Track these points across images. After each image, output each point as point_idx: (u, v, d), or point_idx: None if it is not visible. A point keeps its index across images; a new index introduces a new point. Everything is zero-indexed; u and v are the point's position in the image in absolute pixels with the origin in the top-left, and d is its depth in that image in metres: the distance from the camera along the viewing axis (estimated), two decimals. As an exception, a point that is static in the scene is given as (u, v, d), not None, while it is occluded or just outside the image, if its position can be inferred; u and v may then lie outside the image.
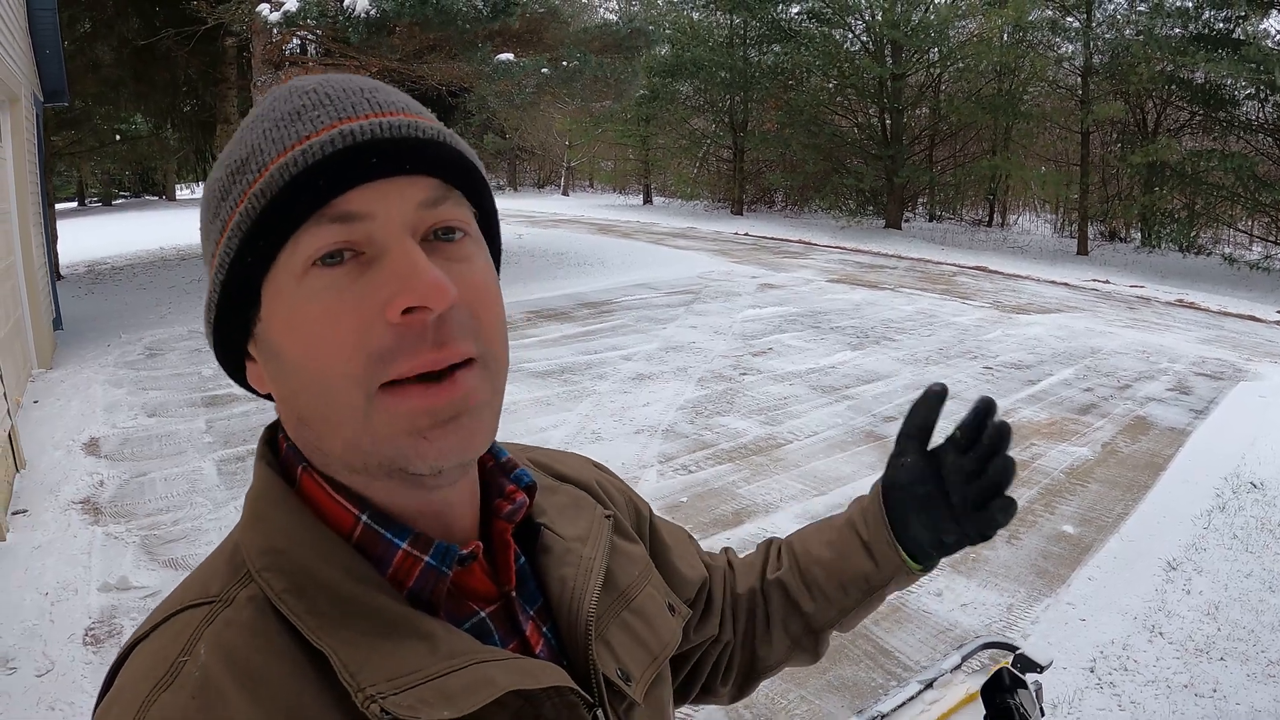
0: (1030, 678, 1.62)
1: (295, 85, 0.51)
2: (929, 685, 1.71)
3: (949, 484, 0.73)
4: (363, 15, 6.79)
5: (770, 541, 0.86)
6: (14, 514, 3.97)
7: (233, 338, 0.52)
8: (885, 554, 0.76)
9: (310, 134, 0.47)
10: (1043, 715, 1.03)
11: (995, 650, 1.78)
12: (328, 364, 0.47)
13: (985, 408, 0.72)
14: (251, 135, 0.50)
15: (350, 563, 0.50)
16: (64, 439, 5.01)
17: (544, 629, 0.58)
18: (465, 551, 0.53)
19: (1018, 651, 1.75)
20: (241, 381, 0.55)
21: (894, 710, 1.74)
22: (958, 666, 1.76)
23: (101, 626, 3.08)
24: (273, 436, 0.56)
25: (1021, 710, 0.87)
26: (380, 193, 0.47)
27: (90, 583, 3.36)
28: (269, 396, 0.54)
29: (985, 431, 0.71)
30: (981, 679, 1.72)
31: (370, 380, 0.46)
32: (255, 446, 0.56)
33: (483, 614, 0.55)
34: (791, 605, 0.80)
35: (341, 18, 6.93)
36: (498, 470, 0.60)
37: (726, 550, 0.88)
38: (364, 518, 0.51)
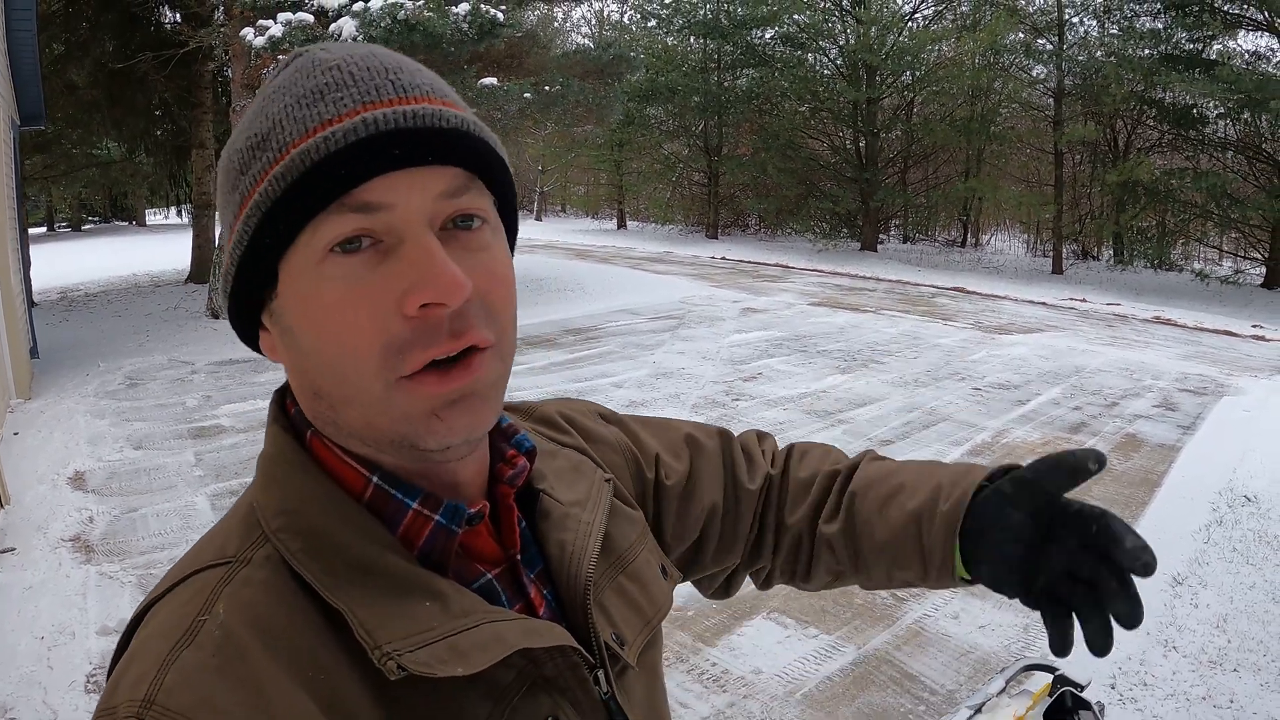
0: (1094, 700, 1.61)
1: (318, 59, 0.50)
2: (978, 710, 1.70)
3: (1047, 566, 0.61)
4: (349, 42, 6.72)
5: (835, 474, 0.81)
6: (2, 552, 3.83)
7: (248, 307, 0.52)
8: (940, 576, 0.70)
9: (332, 118, 0.47)
10: None
11: (1034, 670, 1.78)
12: (344, 351, 0.47)
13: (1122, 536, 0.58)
14: (273, 109, 0.49)
15: (363, 523, 0.50)
16: (48, 473, 4.85)
17: (545, 592, 0.58)
18: (473, 511, 0.53)
19: (1057, 673, 1.75)
20: (254, 347, 0.55)
21: (949, 738, 1.72)
22: (1003, 690, 1.75)
23: (103, 673, 2.91)
24: (282, 399, 0.57)
25: None
26: (401, 183, 0.47)
27: (88, 625, 3.23)
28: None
29: (1128, 551, 0.56)
30: (1025, 701, 1.71)
31: (387, 372, 0.47)
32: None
33: (489, 575, 0.55)
34: (836, 568, 0.79)
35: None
36: (499, 435, 0.60)
37: (771, 453, 0.86)
38: (375, 479, 0.52)
